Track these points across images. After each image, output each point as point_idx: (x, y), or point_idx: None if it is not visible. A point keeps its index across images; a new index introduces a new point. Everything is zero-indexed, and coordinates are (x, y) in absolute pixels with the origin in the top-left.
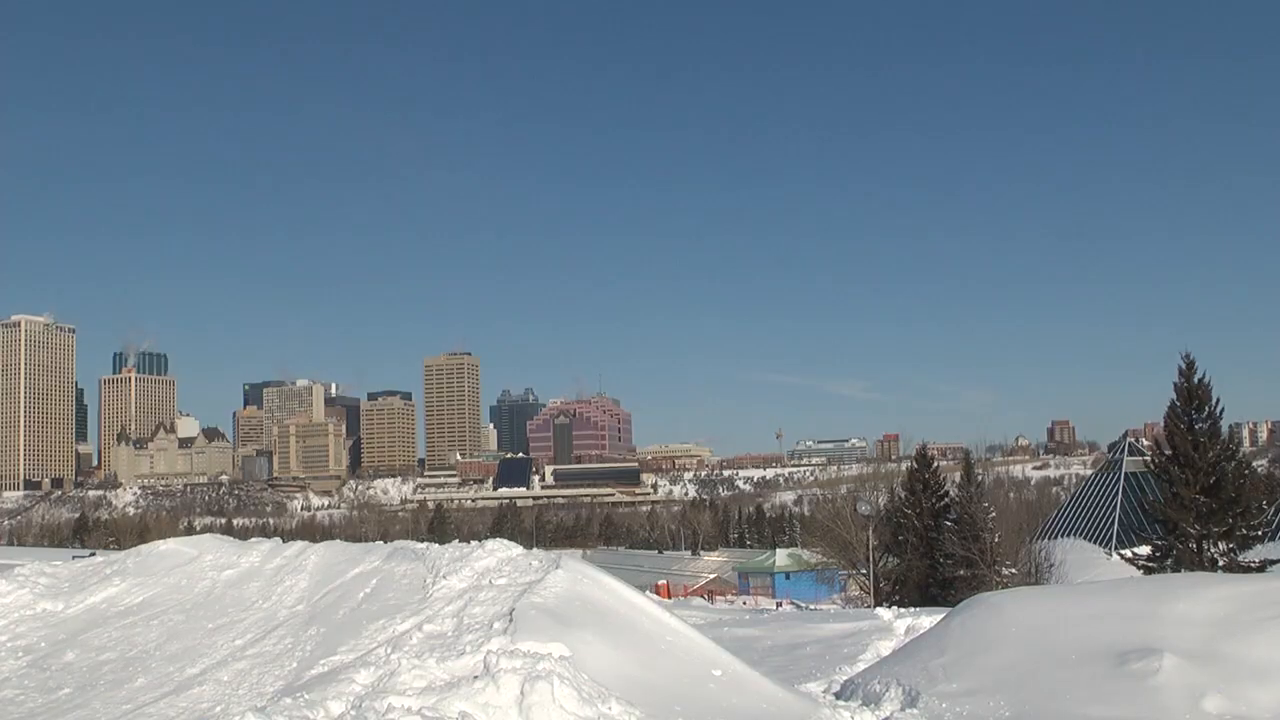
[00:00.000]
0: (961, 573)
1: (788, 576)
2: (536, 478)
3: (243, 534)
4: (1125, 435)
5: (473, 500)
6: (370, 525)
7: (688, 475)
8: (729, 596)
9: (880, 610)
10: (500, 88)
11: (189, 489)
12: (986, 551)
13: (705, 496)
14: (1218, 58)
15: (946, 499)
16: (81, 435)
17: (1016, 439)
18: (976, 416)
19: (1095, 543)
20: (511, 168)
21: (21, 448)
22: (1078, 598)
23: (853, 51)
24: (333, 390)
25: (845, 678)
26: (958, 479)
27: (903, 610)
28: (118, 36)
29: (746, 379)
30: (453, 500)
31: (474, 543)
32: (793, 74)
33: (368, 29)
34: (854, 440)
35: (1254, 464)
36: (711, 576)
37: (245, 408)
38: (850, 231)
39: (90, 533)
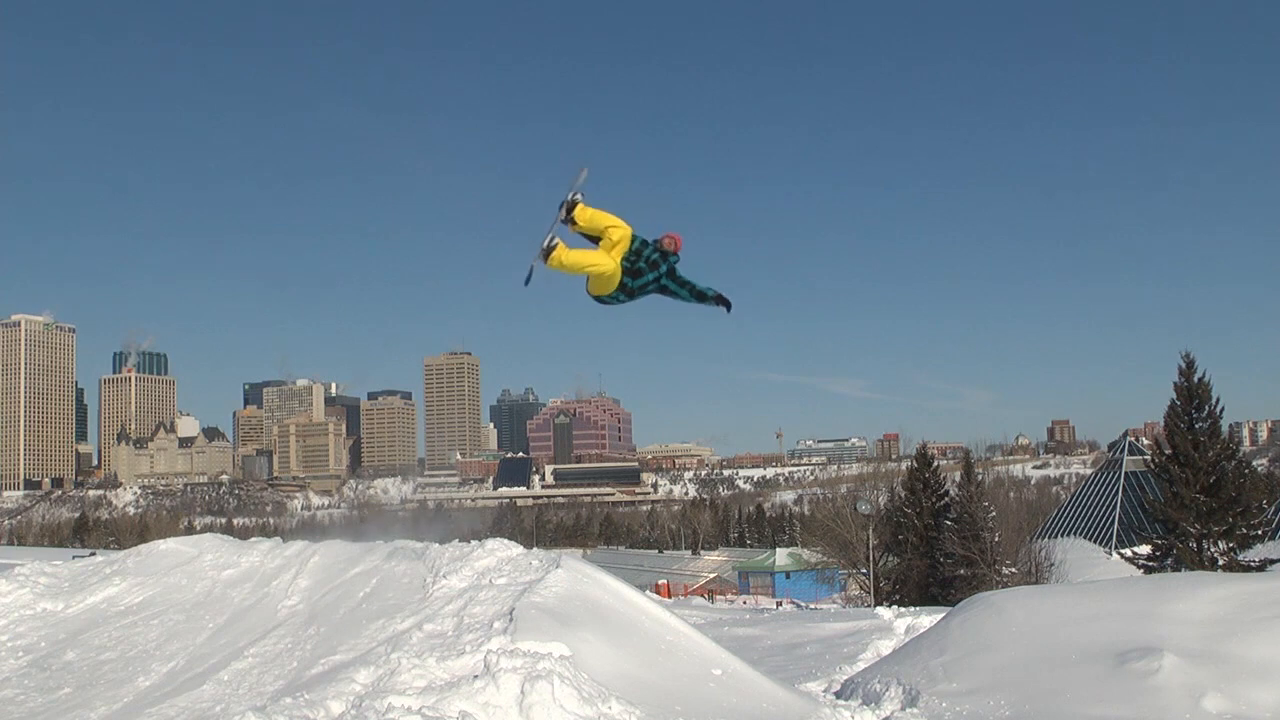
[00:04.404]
0: (961, 572)
1: (788, 576)
2: (536, 477)
3: (243, 533)
4: (1125, 434)
5: (473, 500)
6: (370, 525)
7: (688, 475)
8: (729, 596)
9: (880, 610)
10: (500, 88)
11: (189, 489)
12: (986, 551)
13: (705, 496)
14: (1218, 58)
15: (946, 498)
16: (81, 435)
17: (1016, 438)
18: (976, 416)
19: (1095, 542)
20: (511, 168)
21: (21, 448)
22: (1078, 597)
23: (852, 51)
24: (333, 390)
25: (845, 677)
26: (958, 478)
27: (903, 610)
28: (117, 36)
29: (746, 379)
30: (453, 500)
31: (474, 542)
32: (792, 74)
33: (369, 29)
34: (854, 440)
35: (1254, 463)
36: (711, 576)
37: (245, 407)
38: (850, 231)
39: (90, 532)
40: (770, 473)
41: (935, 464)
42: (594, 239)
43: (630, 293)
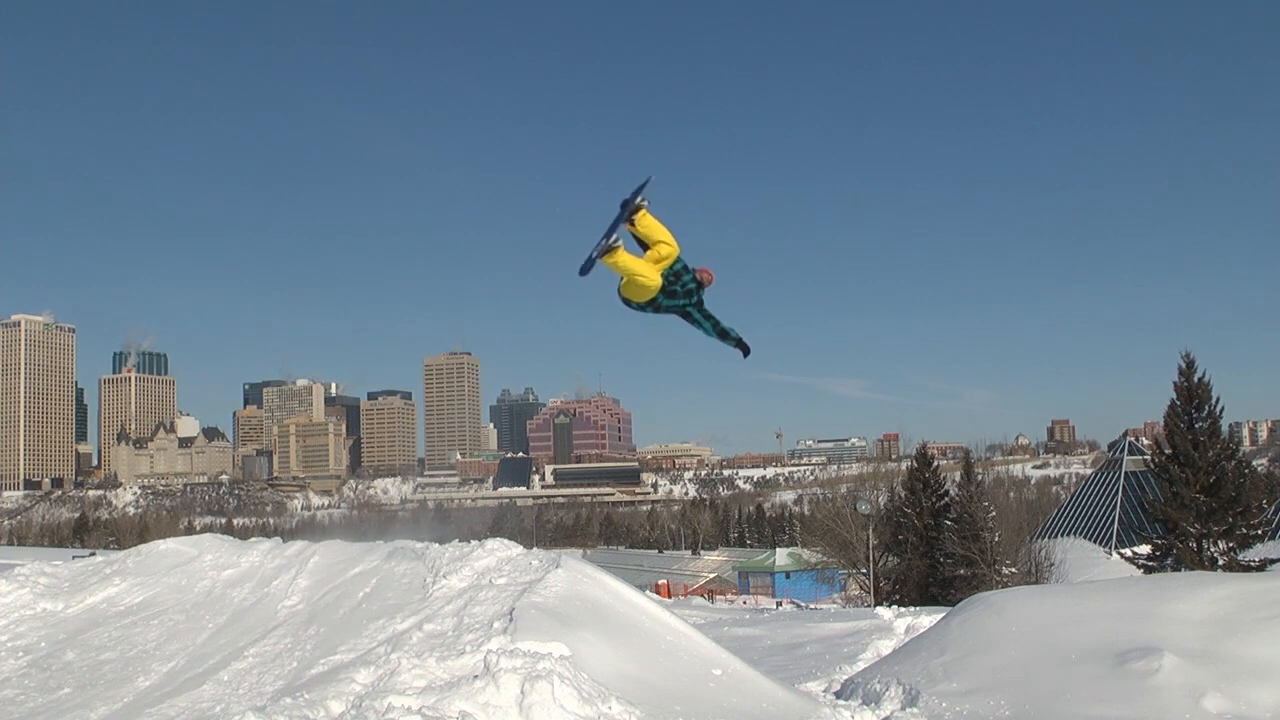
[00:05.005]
0: (961, 572)
1: (788, 576)
2: (536, 477)
3: (243, 533)
4: (1125, 434)
5: (473, 500)
6: (370, 525)
7: (688, 475)
8: (729, 596)
9: (880, 610)
10: (500, 88)
11: (189, 489)
12: (986, 551)
13: (705, 496)
14: (1218, 58)
15: (946, 498)
16: (81, 435)
17: (1016, 438)
18: (976, 416)
19: (1095, 542)
20: (511, 168)
21: (21, 448)
22: (1078, 597)
23: (852, 51)
24: (333, 390)
25: (845, 677)
26: (958, 478)
27: (903, 609)
28: (118, 36)
29: (746, 379)
30: (453, 500)
31: (474, 542)
32: (793, 74)
33: (368, 29)
34: (854, 440)
35: (1254, 463)
36: (711, 576)
37: (245, 407)
38: (850, 231)
39: (90, 532)
40: (770, 473)
41: (935, 464)
42: (642, 245)
43: (657, 307)
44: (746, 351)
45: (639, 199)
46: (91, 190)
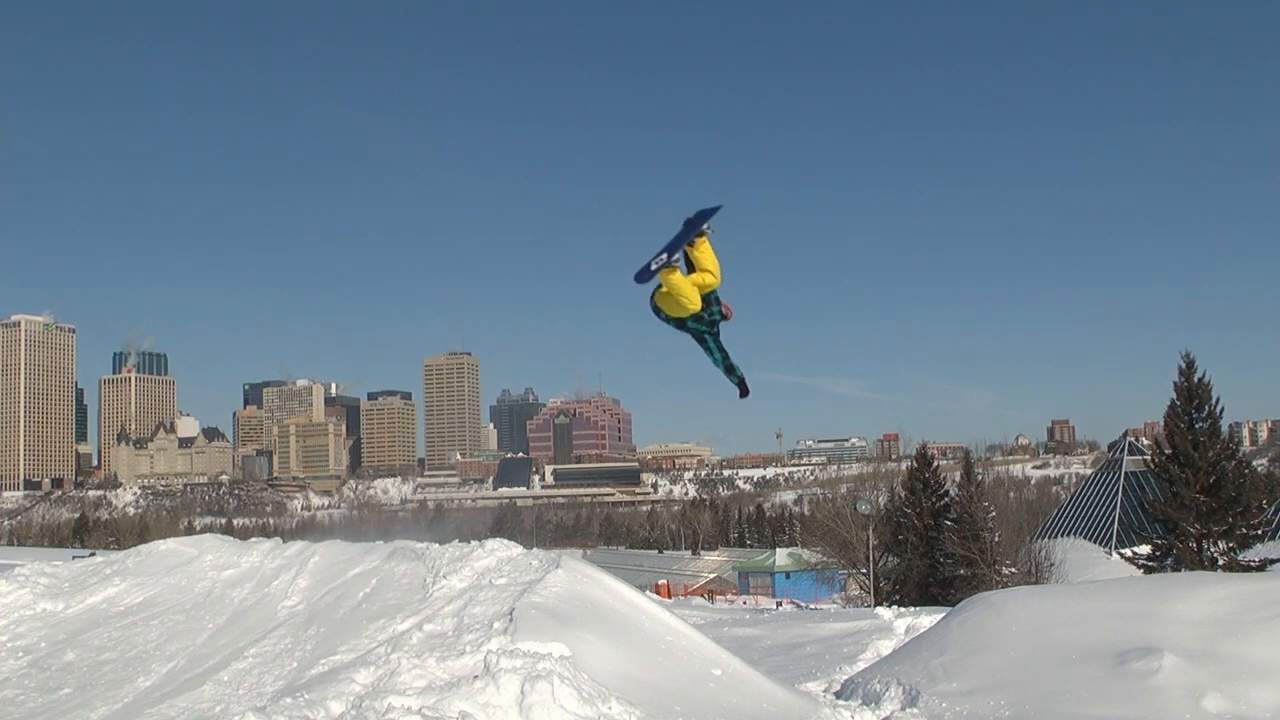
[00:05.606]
0: (961, 572)
1: (788, 576)
2: (536, 477)
3: (243, 534)
4: (1125, 434)
5: (473, 500)
6: (370, 525)
7: (688, 475)
8: (729, 596)
9: (880, 610)
10: (500, 88)
11: (189, 489)
12: (986, 551)
13: (705, 496)
14: (1218, 58)
15: (946, 498)
16: (81, 435)
17: (1016, 438)
18: (976, 416)
19: (1095, 542)
20: (511, 168)
21: (21, 448)
22: (1078, 597)
23: (852, 51)
24: (333, 390)
25: (845, 677)
26: (958, 478)
27: (903, 610)
28: (118, 36)
29: (747, 379)
30: (453, 500)
31: (474, 542)
32: (792, 74)
33: (368, 29)
34: (854, 440)
35: (1254, 463)
36: (711, 576)
37: (245, 408)
38: (850, 231)
39: (90, 533)
40: (770, 473)
41: (935, 464)
42: (688, 263)
43: (680, 325)
44: (745, 392)
45: (706, 226)
46: (91, 190)
